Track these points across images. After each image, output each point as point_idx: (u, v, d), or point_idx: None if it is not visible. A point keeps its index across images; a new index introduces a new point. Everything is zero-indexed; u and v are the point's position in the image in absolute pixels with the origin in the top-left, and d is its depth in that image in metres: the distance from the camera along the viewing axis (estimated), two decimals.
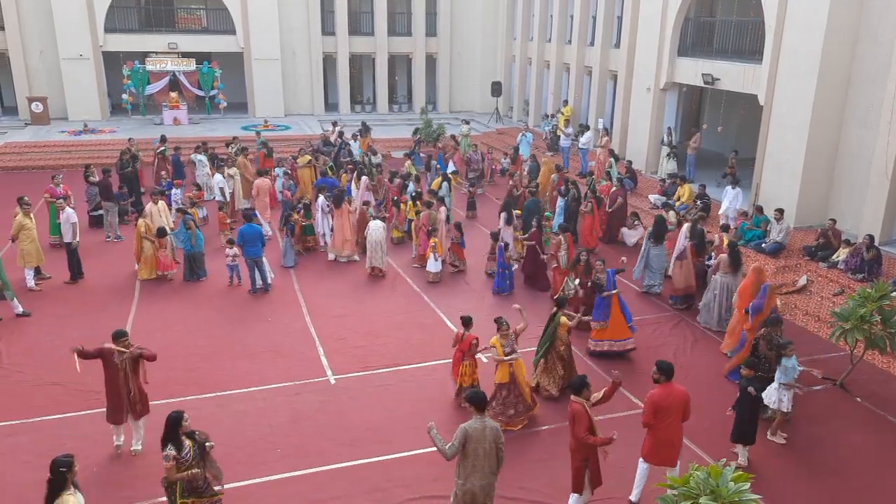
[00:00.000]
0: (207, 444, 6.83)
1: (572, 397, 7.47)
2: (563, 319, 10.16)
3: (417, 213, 15.88)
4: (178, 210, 16.15)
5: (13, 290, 12.62)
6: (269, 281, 14.04)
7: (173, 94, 29.19)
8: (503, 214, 15.61)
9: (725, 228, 14.10)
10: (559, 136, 24.63)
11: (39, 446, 8.77)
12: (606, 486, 8.14)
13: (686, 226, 13.79)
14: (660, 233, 13.87)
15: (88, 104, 29.20)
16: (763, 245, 15.09)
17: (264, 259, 13.96)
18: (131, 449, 8.76)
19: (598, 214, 16.45)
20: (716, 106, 22.64)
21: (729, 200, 15.74)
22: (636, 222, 16.82)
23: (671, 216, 14.65)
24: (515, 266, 14.72)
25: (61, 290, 13.87)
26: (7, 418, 9.41)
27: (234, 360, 11.16)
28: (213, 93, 30.09)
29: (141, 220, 14.46)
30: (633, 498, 7.94)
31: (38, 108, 28.13)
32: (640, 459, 7.85)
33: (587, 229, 16.12)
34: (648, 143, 22.04)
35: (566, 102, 27.04)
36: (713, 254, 13.43)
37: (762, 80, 17.15)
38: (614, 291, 11.26)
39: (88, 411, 9.63)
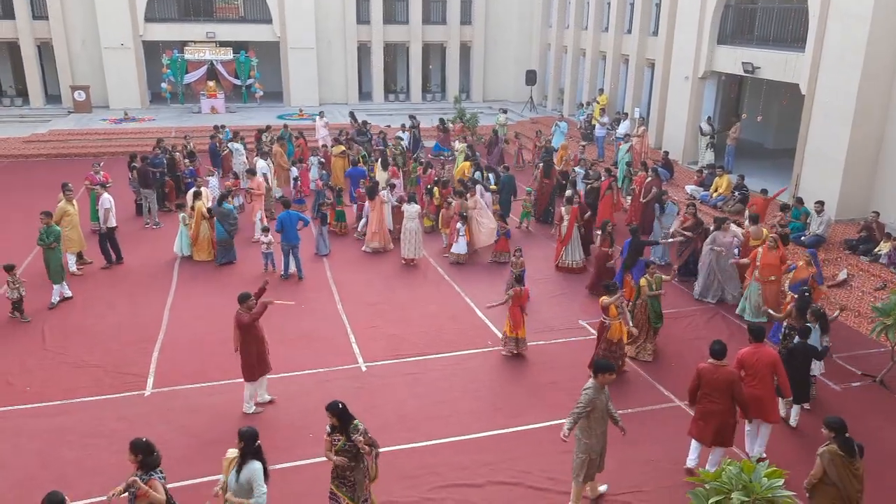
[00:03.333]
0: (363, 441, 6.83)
1: (721, 362, 7.85)
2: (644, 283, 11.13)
3: (449, 202, 15.84)
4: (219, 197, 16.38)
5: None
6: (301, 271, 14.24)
7: (211, 83, 29.60)
8: (479, 187, 16.51)
9: (755, 220, 13.75)
10: (594, 126, 24.38)
11: (82, 426, 9.07)
12: (637, 480, 8.12)
13: (733, 226, 13.51)
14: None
15: (129, 93, 29.80)
16: (802, 238, 14.77)
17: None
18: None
19: (619, 194, 17.15)
20: (756, 95, 22.12)
21: None
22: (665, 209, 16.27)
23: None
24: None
25: (102, 274, 14.22)
26: (52, 398, 9.70)
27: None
28: (249, 82, 30.43)
29: (198, 203, 14.79)
30: (750, 452, 8.49)
31: (80, 96, 28.79)
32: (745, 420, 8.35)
33: (607, 207, 16.55)
34: (686, 133, 21.69)
35: (601, 91, 26.72)
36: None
37: (804, 69, 16.73)
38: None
39: (128, 393, 9.90)
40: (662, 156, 20.25)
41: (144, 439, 6.19)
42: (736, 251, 13.06)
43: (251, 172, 17.41)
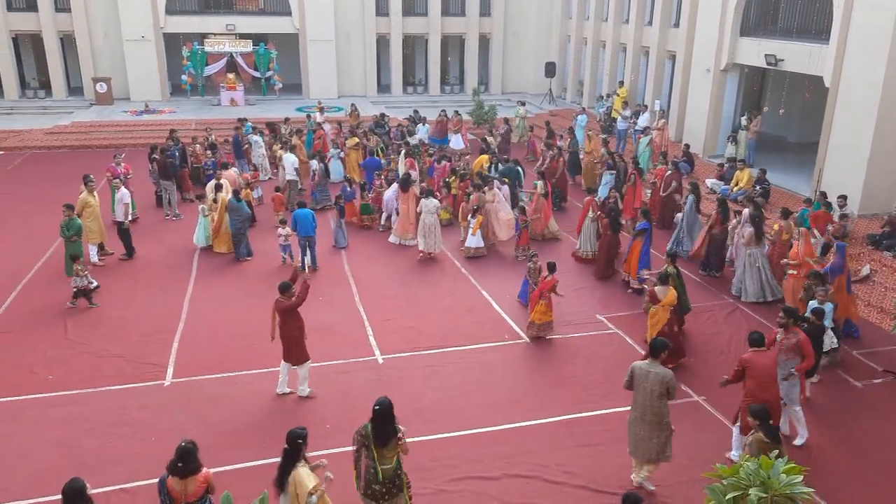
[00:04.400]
0: None
1: (762, 349, 8.16)
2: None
3: (467, 195, 15.79)
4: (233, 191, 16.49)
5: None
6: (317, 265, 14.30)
7: (230, 76, 29.76)
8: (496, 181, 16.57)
9: (786, 214, 13.58)
10: (614, 118, 24.15)
11: (104, 415, 9.20)
12: (654, 474, 8.07)
13: (746, 211, 13.40)
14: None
15: (150, 85, 30.06)
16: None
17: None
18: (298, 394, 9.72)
19: (639, 186, 16.99)
20: (778, 88, 21.82)
21: None
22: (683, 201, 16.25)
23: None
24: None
25: (123, 265, 14.38)
26: (73, 388, 9.84)
27: None
28: (268, 74, 30.55)
29: (221, 196, 14.90)
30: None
31: (102, 88, 29.09)
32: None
33: (627, 199, 16.56)
34: (707, 126, 21.44)
35: (622, 83, 26.49)
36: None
37: (829, 61, 16.46)
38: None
39: (149, 383, 10.02)
40: (683, 149, 20.05)
41: (183, 444, 6.11)
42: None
43: (224, 167, 17.10)
